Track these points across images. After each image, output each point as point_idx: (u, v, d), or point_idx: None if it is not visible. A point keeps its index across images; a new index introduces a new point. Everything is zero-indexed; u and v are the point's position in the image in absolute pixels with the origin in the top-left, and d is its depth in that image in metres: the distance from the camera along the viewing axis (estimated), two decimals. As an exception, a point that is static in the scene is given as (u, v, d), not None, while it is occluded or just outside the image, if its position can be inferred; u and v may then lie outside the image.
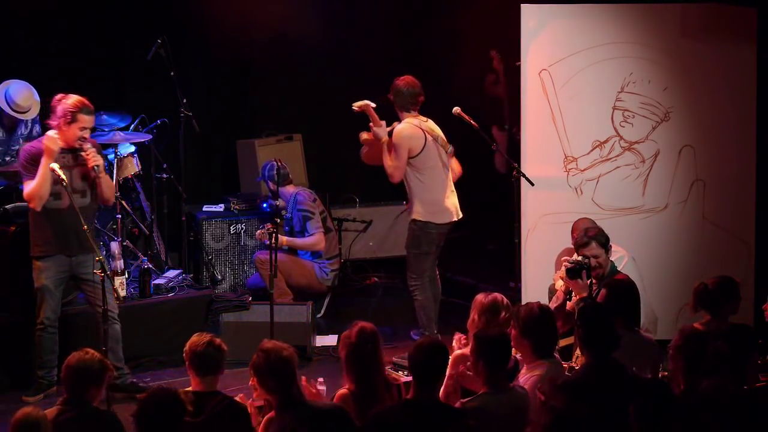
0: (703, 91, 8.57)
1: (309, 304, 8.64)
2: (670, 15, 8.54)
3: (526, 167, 8.35)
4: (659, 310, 8.34)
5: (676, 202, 8.64)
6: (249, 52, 10.44)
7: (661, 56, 8.54)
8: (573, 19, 8.55)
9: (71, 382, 5.57)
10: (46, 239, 7.50)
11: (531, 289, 8.40)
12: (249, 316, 8.49)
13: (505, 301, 6.54)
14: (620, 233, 8.23)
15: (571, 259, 7.14)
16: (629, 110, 8.58)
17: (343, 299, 9.70)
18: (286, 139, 10.41)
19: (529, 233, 8.55)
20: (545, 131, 8.57)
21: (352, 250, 10.47)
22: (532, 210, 8.54)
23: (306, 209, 9.14)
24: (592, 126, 8.60)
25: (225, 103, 10.58)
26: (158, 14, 9.78)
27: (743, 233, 8.62)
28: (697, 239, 8.63)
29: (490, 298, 6.52)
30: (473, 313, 6.53)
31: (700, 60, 8.55)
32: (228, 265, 9.60)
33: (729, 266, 8.04)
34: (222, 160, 10.67)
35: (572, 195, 8.57)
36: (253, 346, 7.80)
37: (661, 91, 8.58)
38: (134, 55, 9.46)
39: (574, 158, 8.60)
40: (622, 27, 8.53)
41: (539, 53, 8.53)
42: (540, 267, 8.43)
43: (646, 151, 8.61)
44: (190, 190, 9.52)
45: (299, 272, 9.11)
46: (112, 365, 7.30)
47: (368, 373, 5.81)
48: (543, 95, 8.55)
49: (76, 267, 7.56)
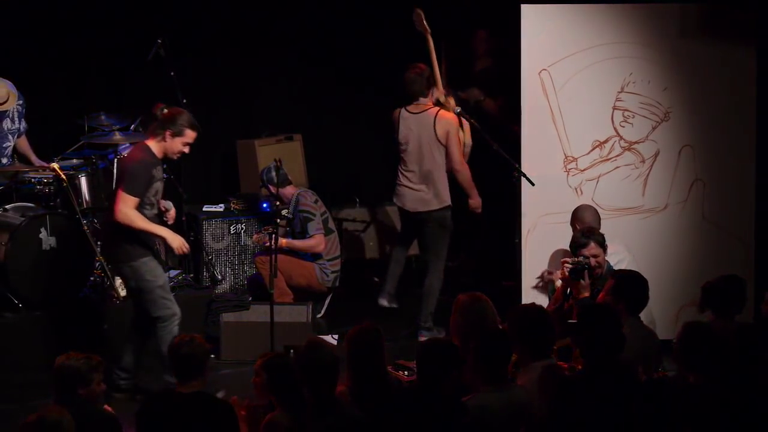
0: (703, 91, 8.57)
1: (309, 304, 8.64)
2: (670, 15, 8.54)
3: (526, 167, 8.35)
4: (659, 310, 8.33)
5: (676, 202, 8.64)
6: (249, 51, 10.44)
7: (661, 56, 8.54)
8: (573, 19, 8.54)
9: (58, 385, 5.56)
10: (143, 242, 7.46)
11: (531, 289, 8.41)
12: (249, 316, 8.49)
13: (485, 297, 6.51)
14: (620, 233, 8.24)
15: (571, 260, 7.14)
16: (629, 110, 8.59)
17: (343, 299, 9.70)
18: (286, 139, 10.40)
19: (529, 233, 8.56)
20: (545, 131, 8.57)
21: (353, 251, 10.46)
22: (532, 210, 8.54)
23: (307, 210, 9.13)
24: (592, 126, 8.60)
25: (225, 103, 10.58)
26: (158, 14, 9.77)
27: (743, 233, 8.62)
28: (697, 239, 8.63)
29: (471, 296, 6.51)
30: (455, 314, 6.49)
31: (699, 60, 8.55)
32: (228, 265, 9.60)
33: (728, 266, 8.03)
34: (222, 160, 10.67)
35: (572, 195, 8.57)
36: (252, 346, 7.86)
37: (660, 91, 8.58)
38: (134, 55, 9.46)
39: (574, 158, 8.60)
40: (621, 27, 8.54)
41: (539, 53, 8.54)
42: (540, 267, 8.43)
43: (645, 151, 8.61)
44: (190, 190, 9.53)
45: (299, 273, 9.10)
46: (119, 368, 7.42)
47: (367, 373, 5.81)
48: (543, 95, 8.55)
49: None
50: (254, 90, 10.70)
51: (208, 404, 5.63)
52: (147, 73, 9.45)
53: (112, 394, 7.34)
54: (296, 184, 9.62)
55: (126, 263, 7.34)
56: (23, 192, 8.59)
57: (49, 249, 8.24)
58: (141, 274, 7.31)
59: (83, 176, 8.71)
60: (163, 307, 7.33)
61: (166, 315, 7.33)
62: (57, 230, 8.27)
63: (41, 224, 8.22)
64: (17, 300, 8.17)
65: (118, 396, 7.39)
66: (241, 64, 10.56)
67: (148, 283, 7.32)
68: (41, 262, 8.23)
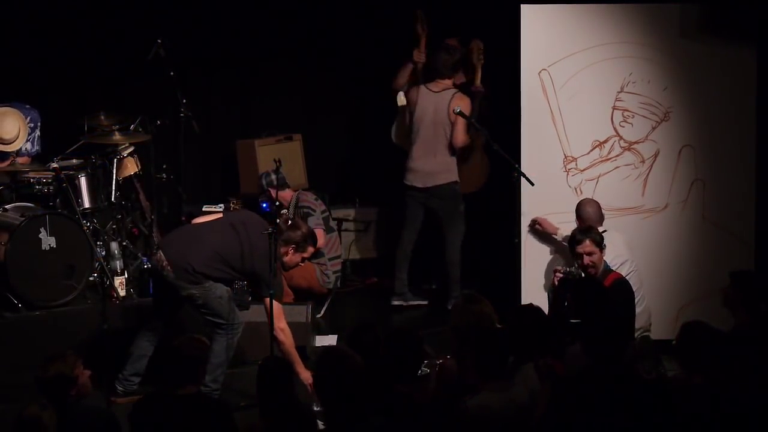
0: (703, 90, 8.57)
1: (309, 304, 8.63)
2: (670, 15, 8.54)
3: (525, 167, 8.35)
4: (659, 310, 8.33)
5: (676, 202, 8.64)
6: (249, 51, 10.44)
7: (661, 56, 8.54)
8: (572, 19, 8.54)
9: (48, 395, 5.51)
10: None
11: (530, 289, 8.40)
12: (248, 316, 8.46)
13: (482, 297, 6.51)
14: (620, 232, 8.24)
15: (562, 270, 7.15)
16: (629, 110, 8.59)
17: (343, 300, 9.70)
18: (286, 139, 10.39)
19: (529, 233, 8.56)
20: (545, 131, 8.57)
21: (352, 250, 10.46)
22: (532, 210, 8.54)
23: (307, 206, 9.17)
24: (592, 126, 8.60)
25: (224, 103, 10.58)
26: (158, 14, 9.77)
27: (743, 233, 8.62)
28: (697, 239, 8.63)
29: (469, 296, 6.53)
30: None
31: (699, 60, 8.55)
32: (228, 265, 9.58)
33: (729, 266, 8.01)
34: (222, 160, 10.66)
35: (572, 195, 8.57)
36: (252, 346, 7.86)
37: (660, 91, 8.58)
38: (134, 55, 9.46)
39: (573, 158, 8.60)
40: (621, 27, 8.54)
41: (538, 53, 8.54)
42: (539, 267, 8.43)
43: (645, 151, 8.61)
44: (190, 190, 9.52)
45: (300, 274, 9.09)
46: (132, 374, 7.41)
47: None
48: (542, 95, 8.55)
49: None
50: (254, 90, 10.69)
51: (204, 406, 5.62)
52: (147, 73, 9.45)
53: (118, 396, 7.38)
54: (296, 184, 9.62)
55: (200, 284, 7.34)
56: (23, 192, 8.58)
57: (49, 249, 8.23)
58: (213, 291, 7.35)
59: (83, 176, 8.69)
60: (233, 314, 7.42)
61: (235, 321, 7.43)
62: (57, 230, 8.25)
63: (41, 224, 8.21)
64: (16, 300, 8.15)
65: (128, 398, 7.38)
66: (241, 64, 10.55)
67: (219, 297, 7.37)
68: (41, 263, 8.22)
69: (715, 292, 8.08)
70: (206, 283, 7.25)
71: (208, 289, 7.27)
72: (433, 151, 9.26)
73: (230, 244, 7.32)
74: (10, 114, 8.54)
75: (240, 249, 7.28)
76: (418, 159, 9.32)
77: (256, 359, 7.39)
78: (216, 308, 7.31)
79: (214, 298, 7.29)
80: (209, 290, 7.27)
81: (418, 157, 9.31)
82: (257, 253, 7.27)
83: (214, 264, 7.27)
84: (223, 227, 7.43)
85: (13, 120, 8.53)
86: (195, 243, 7.32)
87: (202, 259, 7.24)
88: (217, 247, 7.30)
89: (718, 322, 6.36)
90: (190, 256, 7.24)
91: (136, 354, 7.54)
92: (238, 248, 7.29)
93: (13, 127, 8.52)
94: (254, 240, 7.29)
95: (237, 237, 7.32)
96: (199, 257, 7.24)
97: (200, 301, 7.30)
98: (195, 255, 7.24)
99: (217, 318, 7.32)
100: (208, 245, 7.31)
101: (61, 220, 8.32)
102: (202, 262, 7.24)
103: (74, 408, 5.46)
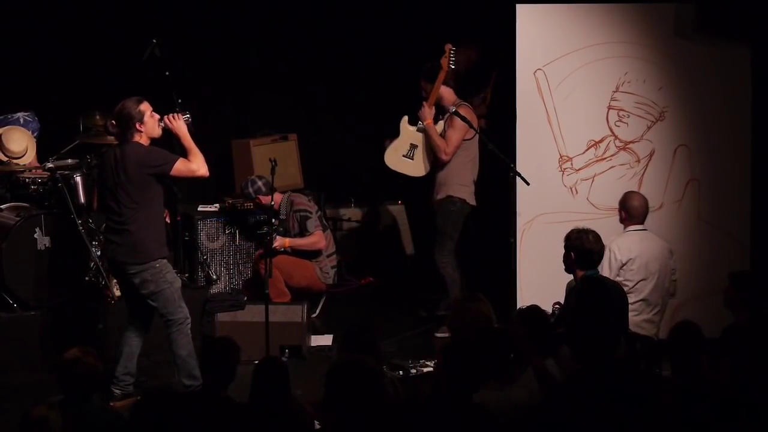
0: (698, 90, 8.58)
1: (304, 304, 8.63)
2: (665, 14, 8.55)
3: (520, 166, 8.36)
4: (655, 310, 8.34)
5: (672, 201, 8.65)
6: (244, 51, 10.44)
7: (656, 56, 8.55)
8: (568, 18, 8.55)
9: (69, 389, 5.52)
10: (165, 242, 7.49)
11: (526, 289, 8.41)
12: (244, 315, 8.49)
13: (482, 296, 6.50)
14: (615, 233, 8.23)
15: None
16: (624, 110, 8.59)
17: (338, 299, 9.70)
18: (281, 139, 10.38)
19: (524, 233, 8.56)
20: (540, 131, 8.58)
21: (347, 250, 10.46)
22: (527, 209, 8.54)
23: (303, 209, 9.15)
24: (587, 125, 8.61)
25: (220, 102, 10.57)
26: (153, 14, 9.76)
27: (738, 233, 8.63)
28: (693, 239, 8.63)
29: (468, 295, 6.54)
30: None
31: (695, 59, 8.56)
32: (223, 264, 9.59)
33: (724, 266, 8.04)
34: (217, 159, 10.62)
35: (567, 194, 8.57)
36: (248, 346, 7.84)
37: (656, 91, 8.59)
38: (129, 54, 9.44)
39: (569, 158, 8.61)
40: (616, 26, 8.55)
41: (534, 53, 8.55)
42: (535, 267, 8.43)
43: (641, 150, 8.62)
44: (185, 190, 9.51)
45: (300, 273, 9.10)
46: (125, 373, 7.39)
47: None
48: (538, 95, 8.56)
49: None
50: (249, 90, 10.70)
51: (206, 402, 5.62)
52: (142, 73, 9.43)
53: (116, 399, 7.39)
54: (291, 184, 9.62)
55: (150, 262, 7.28)
56: (18, 192, 8.57)
57: (44, 249, 8.23)
58: (163, 274, 7.29)
59: (78, 176, 8.69)
60: (180, 310, 7.34)
61: (180, 318, 7.34)
62: (52, 230, 8.25)
63: (36, 224, 8.21)
64: (12, 300, 8.15)
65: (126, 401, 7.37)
66: (236, 63, 10.55)
67: (168, 285, 7.30)
68: (36, 263, 8.22)
69: (711, 292, 8.12)
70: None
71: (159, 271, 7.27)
72: (436, 166, 8.98)
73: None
74: (17, 131, 8.64)
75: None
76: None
77: (250, 360, 7.39)
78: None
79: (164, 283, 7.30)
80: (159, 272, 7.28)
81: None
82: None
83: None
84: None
85: (20, 136, 8.62)
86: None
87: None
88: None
89: (714, 321, 6.37)
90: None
91: (126, 353, 7.53)
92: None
93: (21, 143, 8.60)
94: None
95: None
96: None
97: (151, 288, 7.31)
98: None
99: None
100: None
101: (56, 220, 8.32)
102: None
103: (86, 408, 5.47)
